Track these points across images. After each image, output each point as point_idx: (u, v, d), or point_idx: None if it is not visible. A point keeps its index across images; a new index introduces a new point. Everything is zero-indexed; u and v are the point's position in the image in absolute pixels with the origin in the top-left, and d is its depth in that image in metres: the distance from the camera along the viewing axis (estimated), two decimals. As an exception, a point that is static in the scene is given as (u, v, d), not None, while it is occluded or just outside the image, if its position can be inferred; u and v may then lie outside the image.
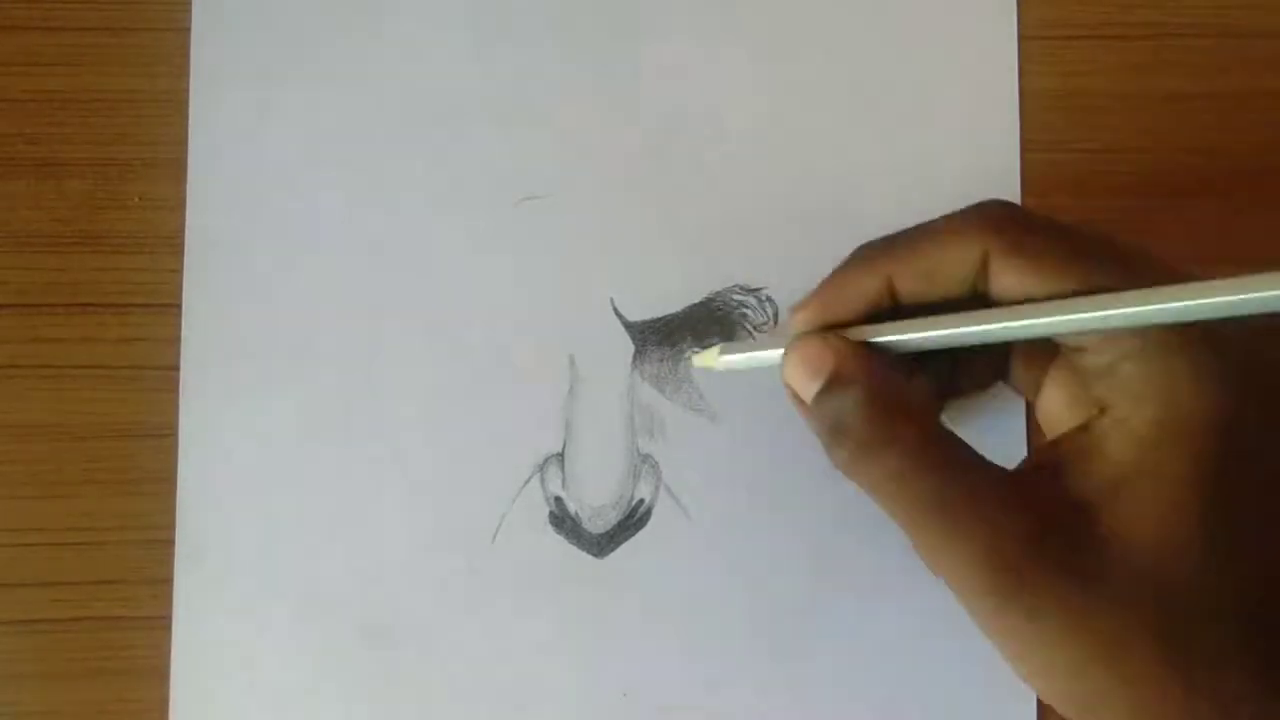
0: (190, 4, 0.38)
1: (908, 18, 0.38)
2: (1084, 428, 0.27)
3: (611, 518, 0.36)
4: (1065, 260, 0.27)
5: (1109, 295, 0.26)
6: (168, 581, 0.36)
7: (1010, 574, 0.26)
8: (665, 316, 0.37)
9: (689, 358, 0.36)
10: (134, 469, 0.36)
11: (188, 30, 0.38)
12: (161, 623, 0.36)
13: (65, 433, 0.36)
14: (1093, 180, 0.38)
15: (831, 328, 0.30)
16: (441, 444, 0.37)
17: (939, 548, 0.27)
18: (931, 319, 0.28)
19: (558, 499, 0.36)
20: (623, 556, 0.36)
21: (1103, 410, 0.27)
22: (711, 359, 0.33)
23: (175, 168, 0.37)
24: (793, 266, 0.37)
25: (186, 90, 0.37)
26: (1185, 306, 0.25)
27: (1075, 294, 0.26)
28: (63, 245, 0.37)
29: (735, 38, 0.38)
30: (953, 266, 0.28)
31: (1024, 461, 0.29)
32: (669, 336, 0.37)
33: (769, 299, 0.37)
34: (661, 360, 0.37)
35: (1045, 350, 0.30)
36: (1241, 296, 0.24)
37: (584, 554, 0.36)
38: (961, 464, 0.28)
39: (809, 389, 0.29)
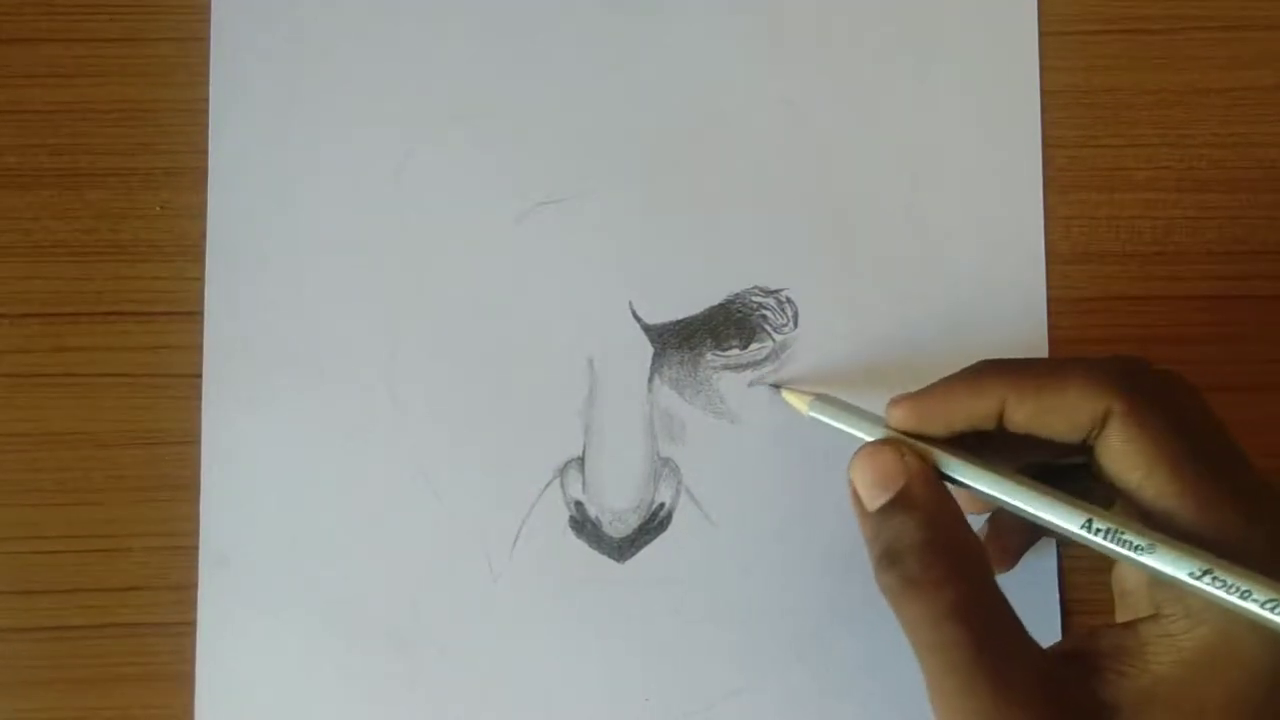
0: (209, 14, 0.38)
1: (929, 15, 0.38)
2: (1131, 628, 0.27)
3: (632, 522, 0.36)
4: (1184, 465, 0.26)
5: (1216, 559, 0.25)
6: (192, 587, 0.36)
7: None
8: (684, 319, 0.37)
9: (769, 386, 0.36)
10: (158, 476, 0.36)
11: (207, 40, 0.38)
12: (186, 629, 0.36)
13: (89, 440, 0.37)
14: (1115, 175, 0.38)
15: (923, 437, 0.29)
16: (462, 448, 0.37)
17: (950, 701, 0.26)
18: (1020, 482, 0.28)
19: (578, 503, 0.36)
20: (644, 560, 0.36)
21: (1156, 617, 0.27)
22: (801, 403, 0.33)
23: (196, 176, 0.37)
24: (812, 267, 0.37)
25: (207, 99, 0.38)
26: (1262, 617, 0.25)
27: (1164, 501, 0.26)
28: (86, 254, 0.37)
29: (754, 38, 0.38)
30: (1073, 413, 0.28)
31: (1062, 643, 0.29)
32: (688, 339, 0.37)
33: (789, 300, 0.37)
34: (681, 363, 0.37)
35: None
36: None
37: (605, 558, 0.36)
38: (1001, 633, 0.27)
39: (873, 499, 0.29)
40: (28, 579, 0.36)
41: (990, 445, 0.30)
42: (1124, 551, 0.26)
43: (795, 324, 0.37)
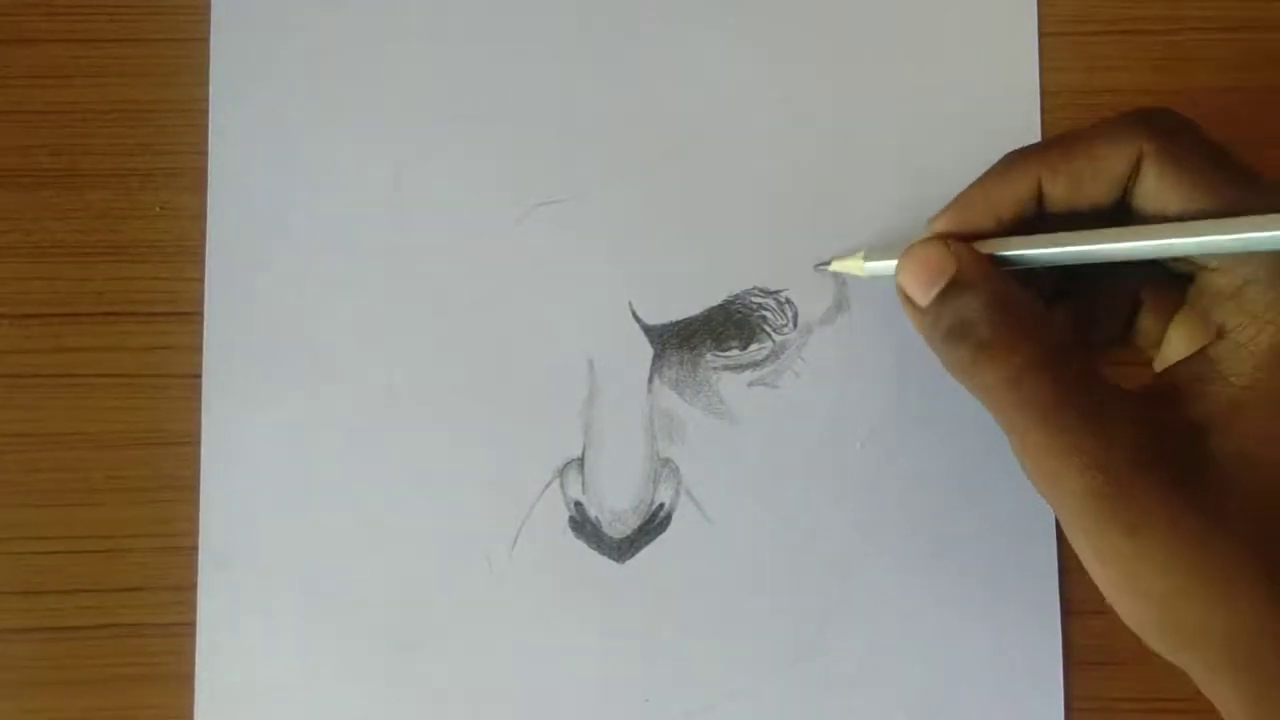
0: (209, 15, 0.38)
1: (928, 15, 0.38)
2: (1201, 353, 0.27)
3: (632, 522, 0.36)
4: (1215, 178, 0.27)
5: (1255, 217, 0.26)
6: (191, 588, 0.36)
7: (1116, 486, 0.26)
8: (684, 319, 0.37)
9: (819, 266, 0.36)
10: (157, 476, 0.37)
11: (207, 40, 0.38)
12: (185, 629, 0.36)
13: (88, 441, 0.37)
14: (1115, 177, 0.38)
15: (967, 237, 0.30)
16: (462, 449, 0.37)
17: (1045, 454, 0.27)
18: (1064, 234, 0.28)
19: (578, 504, 0.36)
20: (643, 561, 0.36)
21: (1222, 334, 0.27)
22: (855, 266, 0.33)
23: (196, 177, 0.37)
24: (811, 268, 0.37)
25: (206, 100, 0.38)
26: None
27: (1218, 213, 0.26)
28: (85, 255, 0.37)
29: (753, 38, 0.38)
30: (1106, 167, 0.28)
31: (1141, 386, 0.29)
32: (688, 340, 0.37)
33: (789, 301, 0.37)
34: (681, 364, 0.37)
35: (1174, 297, 0.30)
36: None
37: (604, 559, 0.36)
38: (1080, 375, 0.27)
39: (926, 292, 0.29)
40: (27, 579, 0.36)
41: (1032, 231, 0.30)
42: (1184, 248, 0.26)
43: (795, 325, 0.37)
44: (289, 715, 0.36)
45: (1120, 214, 0.29)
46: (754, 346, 0.37)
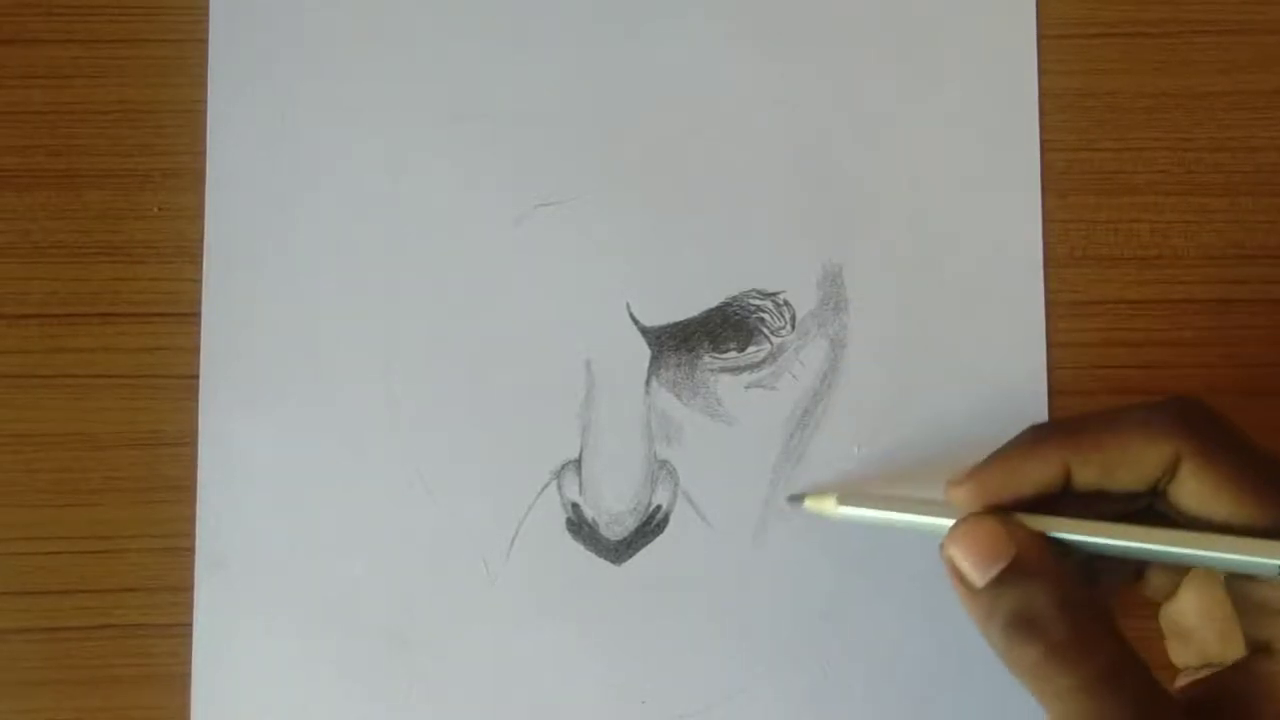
0: (208, 16, 0.38)
1: (927, 18, 0.38)
2: (1248, 667, 0.27)
3: (629, 524, 0.36)
4: (1257, 484, 0.26)
5: None
6: (188, 589, 0.36)
7: None
8: (682, 321, 0.37)
9: (793, 499, 0.35)
10: (155, 477, 0.37)
11: (206, 41, 0.38)
12: (182, 630, 0.36)
13: (86, 441, 0.37)
14: (1113, 179, 0.38)
15: (994, 509, 0.28)
16: (459, 450, 0.37)
17: None
18: (1119, 526, 0.27)
19: (575, 505, 0.36)
20: (640, 563, 0.36)
21: (1270, 651, 0.26)
22: (828, 506, 0.31)
23: (194, 178, 0.37)
24: (810, 270, 0.37)
25: (205, 101, 0.38)
26: None
27: (1255, 527, 0.26)
28: (84, 255, 0.37)
29: (751, 40, 0.38)
30: (1140, 464, 0.27)
31: (1185, 690, 0.28)
32: (686, 341, 0.37)
33: (786, 303, 0.37)
34: (678, 365, 0.37)
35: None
36: None
37: (602, 560, 0.36)
38: (1152, 692, 0.26)
39: (982, 574, 0.27)
40: (24, 580, 0.36)
41: (1056, 509, 0.29)
42: (1255, 571, 0.26)
43: (793, 326, 0.37)
44: (286, 716, 0.36)
45: (1150, 500, 0.28)
46: (752, 348, 0.37)
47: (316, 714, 0.36)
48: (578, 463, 0.36)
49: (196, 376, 0.37)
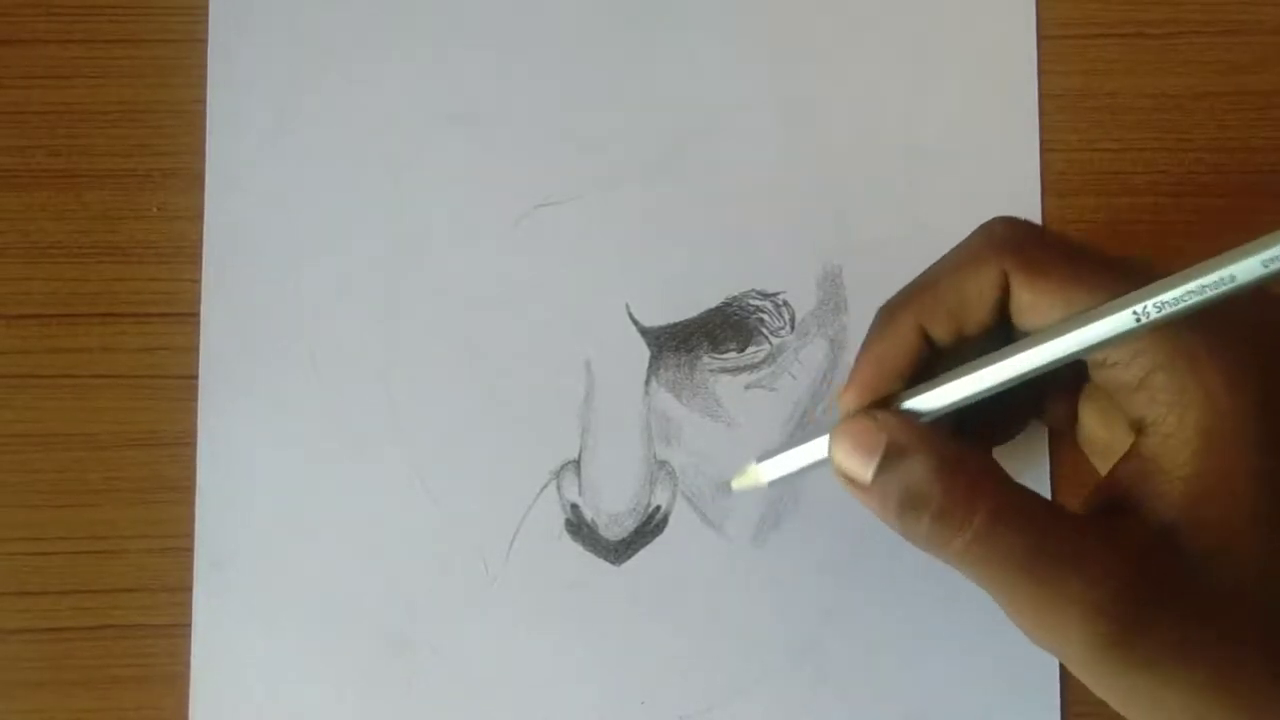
0: (208, 16, 0.38)
1: (927, 18, 0.38)
2: (1134, 452, 0.27)
3: (628, 524, 0.36)
4: (1082, 273, 0.27)
5: (1131, 294, 0.25)
6: (187, 589, 0.36)
7: (1122, 625, 0.25)
8: (681, 322, 0.37)
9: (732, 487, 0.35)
10: (153, 477, 0.37)
11: (205, 42, 0.38)
12: (181, 630, 0.36)
13: (85, 441, 0.37)
14: (1113, 180, 0.38)
15: (880, 402, 0.29)
16: (458, 450, 0.37)
17: (1040, 610, 0.26)
18: (964, 369, 0.28)
19: (574, 506, 0.36)
20: (640, 563, 0.36)
21: (1144, 429, 0.26)
22: (754, 477, 0.31)
23: (194, 178, 0.37)
24: (809, 270, 0.37)
25: (204, 101, 0.38)
26: (1205, 282, 0.25)
27: (1095, 307, 0.26)
28: (83, 255, 0.37)
29: (752, 42, 0.38)
30: (978, 295, 0.28)
31: (1092, 500, 0.28)
32: (685, 342, 0.37)
33: (785, 303, 0.37)
34: (678, 366, 0.37)
35: (1075, 379, 0.30)
36: (1251, 259, 0.24)
37: (601, 561, 0.36)
38: (1046, 517, 0.26)
39: (865, 469, 0.28)
40: (23, 580, 0.36)
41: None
42: (1086, 346, 0.26)
43: (792, 327, 0.37)
44: (284, 716, 0.36)
45: (1005, 329, 0.28)
46: (751, 349, 0.37)
47: (315, 714, 0.36)
48: (577, 463, 0.36)
49: (196, 377, 0.37)
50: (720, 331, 0.37)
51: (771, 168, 0.38)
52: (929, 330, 0.28)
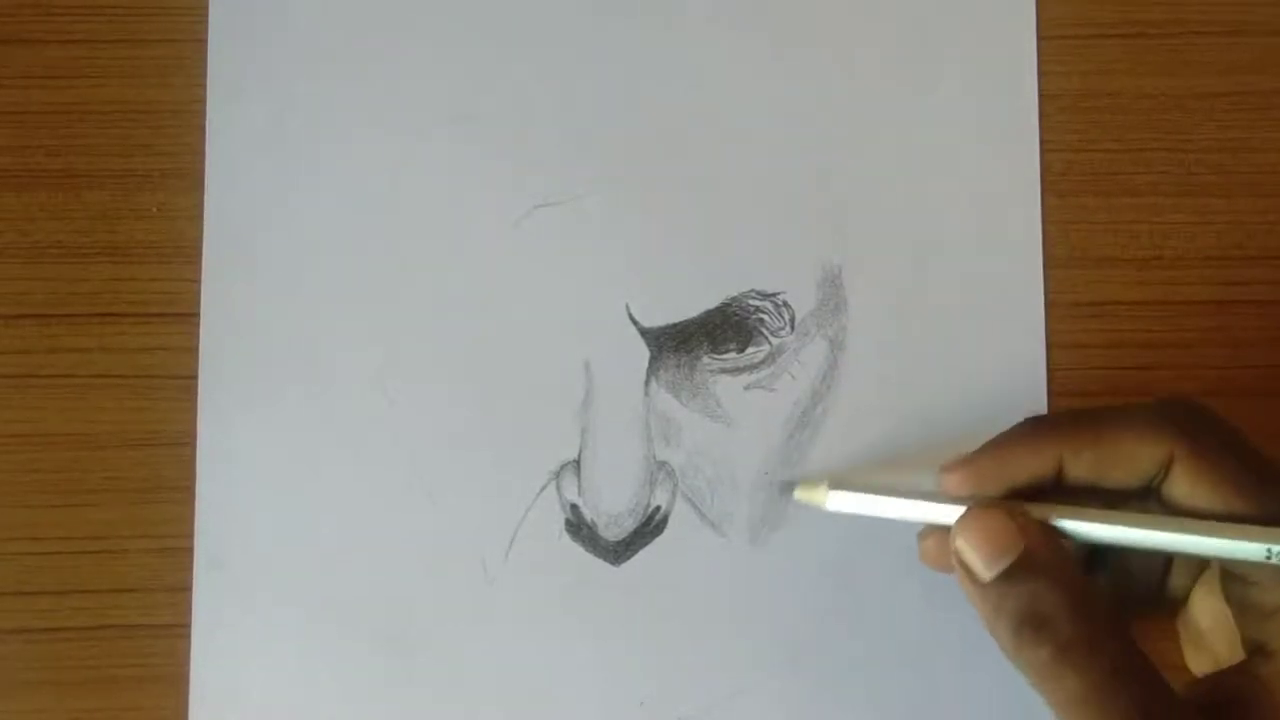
0: (207, 16, 0.38)
1: (927, 19, 0.38)
2: (1248, 669, 0.27)
3: (628, 525, 0.36)
4: (1248, 482, 0.27)
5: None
6: (186, 589, 0.36)
7: None
8: (681, 322, 0.37)
9: (789, 488, 0.35)
10: (153, 477, 0.36)
11: (204, 42, 0.38)
12: (180, 631, 0.36)
13: (85, 441, 0.36)
14: (1113, 180, 0.37)
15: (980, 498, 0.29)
16: (458, 451, 0.37)
17: None
18: (1120, 514, 0.27)
19: (574, 506, 0.36)
20: (639, 564, 0.36)
21: (1265, 653, 0.26)
22: (819, 495, 0.31)
23: (193, 178, 0.37)
24: (809, 270, 0.37)
25: (204, 101, 0.38)
26: None
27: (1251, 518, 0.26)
28: (82, 255, 0.37)
29: (752, 42, 0.38)
30: (1135, 462, 0.27)
31: (1192, 688, 0.28)
32: (685, 342, 0.37)
33: (786, 303, 0.37)
34: (678, 367, 0.37)
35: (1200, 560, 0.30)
36: None
37: (600, 561, 0.36)
38: (1159, 688, 0.26)
39: (989, 568, 0.27)
40: (22, 580, 0.36)
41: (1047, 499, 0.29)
42: (1261, 558, 0.26)
43: (792, 327, 0.37)
44: (284, 717, 0.35)
45: (1143, 498, 0.28)
46: (751, 349, 0.37)
47: (314, 714, 0.35)
48: (577, 463, 0.36)
49: (195, 377, 0.37)
50: (720, 332, 0.37)
51: (771, 168, 0.38)
52: (1068, 464, 0.28)
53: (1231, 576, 0.28)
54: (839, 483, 0.31)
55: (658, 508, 0.36)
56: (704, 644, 0.36)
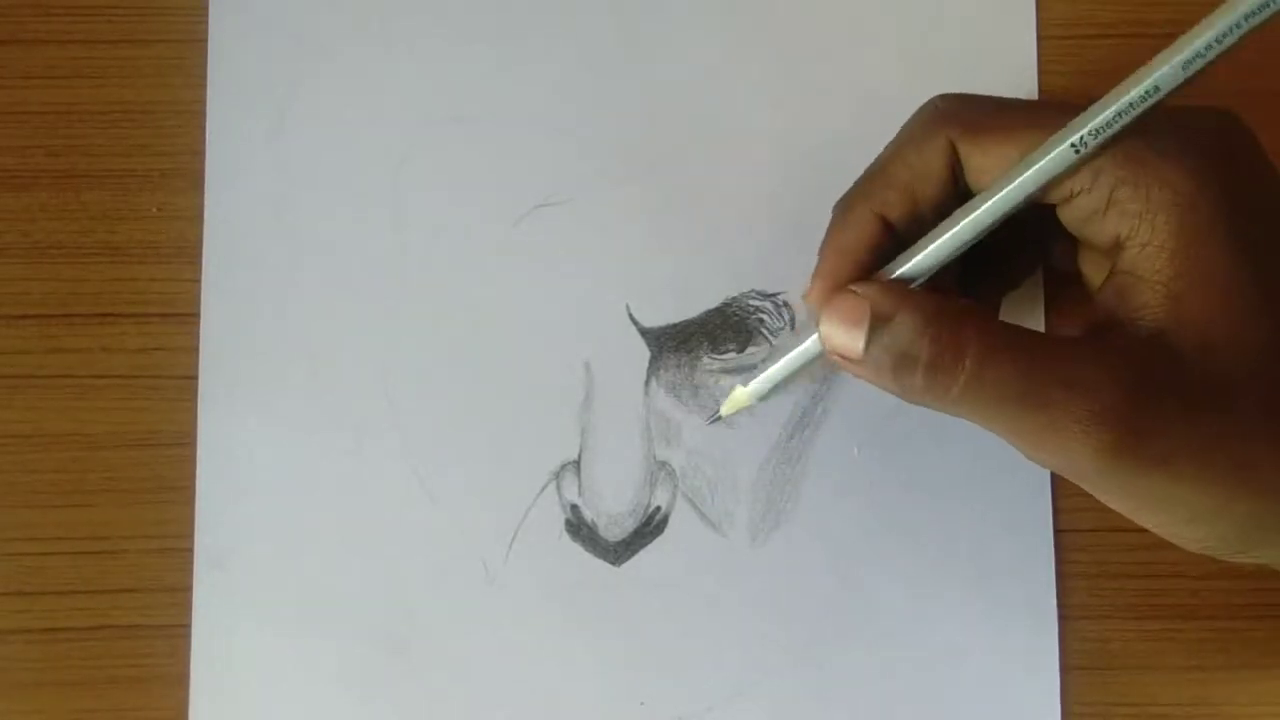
0: (207, 16, 0.38)
1: (926, 18, 0.38)
2: (1114, 270, 0.27)
3: (628, 525, 0.36)
4: (1020, 123, 0.28)
5: (1066, 129, 0.26)
6: (186, 590, 0.36)
7: (1130, 428, 0.25)
8: (681, 322, 0.37)
9: (719, 417, 0.35)
10: (153, 478, 0.36)
11: (205, 42, 0.38)
12: (180, 631, 0.36)
13: (84, 442, 0.36)
14: (1113, 180, 0.37)
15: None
16: (458, 451, 0.37)
17: (1044, 434, 0.26)
18: (932, 234, 0.29)
19: (574, 506, 0.36)
20: (640, 564, 0.36)
21: (1120, 245, 0.27)
22: (742, 399, 0.32)
23: (193, 178, 0.37)
24: (809, 270, 0.37)
25: (204, 101, 0.38)
26: (1131, 98, 0.26)
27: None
28: (82, 255, 0.37)
29: (752, 41, 0.38)
30: (928, 169, 0.29)
31: (1079, 335, 0.29)
32: (685, 343, 0.37)
33: (785, 304, 0.37)
34: (678, 367, 0.37)
35: (1066, 244, 0.31)
36: (1170, 66, 0.26)
37: (600, 562, 0.36)
38: (1035, 346, 0.27)
39: (856, 341, 0.28)
40: (22, 581, 0.36)
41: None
42: (1057, 168, 0.27)
43: (792, 327, 0.37)
44: (283, 717, 0.35)
45: (963, 200, 0.29)
46: (751, 349, 0.37)
47: (314, 715, 0.36)
48: (577, 464, 0.36)
49: (195, 377, 0.37)
50: (720, 332, 0.37)
51: (771, 167, 0.38)
52: (886, 215, 0.29)
53: (1067, 216, 0.29)
54: (747, 380, 0.32)
55: (658, 508, 0.36)
56: (704, 643, 0.36)
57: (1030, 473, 0.36)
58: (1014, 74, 0.38)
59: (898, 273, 0.29)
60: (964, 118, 0.29)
